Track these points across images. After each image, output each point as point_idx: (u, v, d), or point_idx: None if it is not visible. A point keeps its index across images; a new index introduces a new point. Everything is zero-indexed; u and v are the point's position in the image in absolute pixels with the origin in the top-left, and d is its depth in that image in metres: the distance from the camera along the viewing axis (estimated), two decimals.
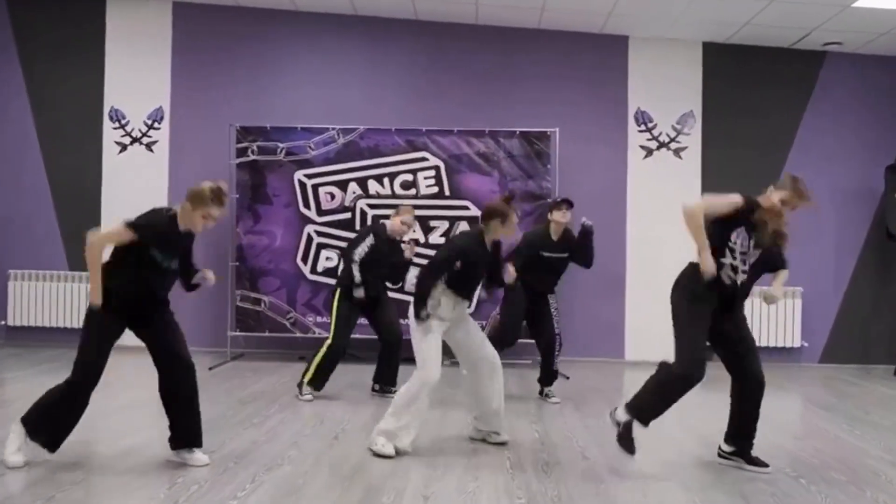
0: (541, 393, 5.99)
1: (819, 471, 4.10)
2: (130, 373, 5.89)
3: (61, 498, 3.43)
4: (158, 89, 8.41)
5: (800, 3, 6.99)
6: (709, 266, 3.73)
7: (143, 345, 4.01)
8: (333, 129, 7.86)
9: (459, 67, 8.29)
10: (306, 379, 5.73)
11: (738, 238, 3.86)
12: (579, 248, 5.84)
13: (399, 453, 4.23)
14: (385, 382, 5.90)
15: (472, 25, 8.25)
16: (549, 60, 8.27)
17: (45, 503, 3.36)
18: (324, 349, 5.72)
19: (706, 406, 5.01)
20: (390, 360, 5.86)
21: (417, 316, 4.28)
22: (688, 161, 8.26)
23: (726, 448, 4.13)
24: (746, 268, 3.90)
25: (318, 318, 7.69)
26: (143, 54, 8.45)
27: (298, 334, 7.80)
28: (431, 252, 6.16)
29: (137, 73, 8.44)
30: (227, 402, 5.57)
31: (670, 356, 3.91)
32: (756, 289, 4.16)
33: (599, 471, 4.04)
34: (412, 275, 6.63)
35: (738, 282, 3.90)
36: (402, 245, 5.89)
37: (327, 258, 7.72)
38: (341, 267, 5.99)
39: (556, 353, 5.91)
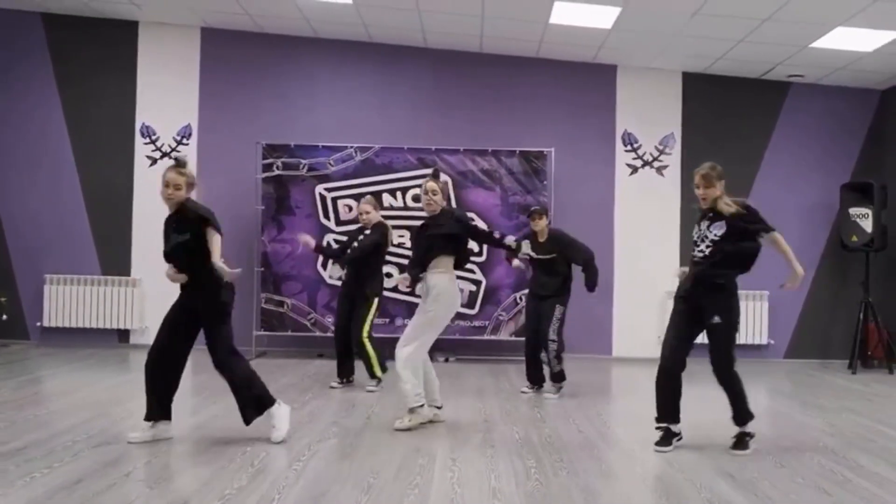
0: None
1: (772, 440, 4.92)
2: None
3: (163, 452, 4.17)
4: (187, 108, 8.81)
5: (764, 44, 7.72)
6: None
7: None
8: (351, 147, 8.47)
9: (465, 92, 8.85)
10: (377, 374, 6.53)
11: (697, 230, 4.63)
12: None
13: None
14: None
15: (476, 54, 8.85)
16: (546, 86, 8.87)
17: (150, 461, 4.06)
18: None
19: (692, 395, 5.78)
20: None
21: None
22: (668, 178, 8.94)
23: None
24: (702, 247, 4.56)
25: None
26: (172, 75, 8.80)
27: (318, 333, 8.41)
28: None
29: (167, 92, 8.79)
30: None
31: (653, 353, 4.73)
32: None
33: (593, 441, 4.84)
34: None
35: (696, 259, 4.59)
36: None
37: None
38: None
39: (546, 353, 6.29)
